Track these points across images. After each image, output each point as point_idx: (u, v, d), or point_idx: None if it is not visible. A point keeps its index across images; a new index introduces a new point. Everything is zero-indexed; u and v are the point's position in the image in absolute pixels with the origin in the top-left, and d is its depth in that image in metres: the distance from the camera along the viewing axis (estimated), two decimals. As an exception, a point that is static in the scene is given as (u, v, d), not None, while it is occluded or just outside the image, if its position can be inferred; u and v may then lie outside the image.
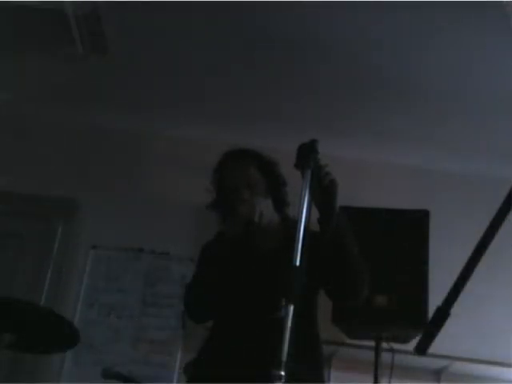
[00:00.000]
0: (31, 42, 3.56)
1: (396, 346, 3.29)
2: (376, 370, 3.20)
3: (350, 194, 2.72)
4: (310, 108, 3.86)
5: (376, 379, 3.18)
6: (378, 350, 3.24)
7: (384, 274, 3.14)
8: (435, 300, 1.18)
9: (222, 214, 2.07)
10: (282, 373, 1.29)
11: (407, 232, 3.35)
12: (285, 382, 1.28)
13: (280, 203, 2.14)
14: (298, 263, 1.42)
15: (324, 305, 2.15)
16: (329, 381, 3.52)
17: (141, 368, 3.64)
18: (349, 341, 3.49)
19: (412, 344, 3.07)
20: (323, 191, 1.82)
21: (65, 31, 3.32)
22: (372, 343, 3.28)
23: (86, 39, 3.39)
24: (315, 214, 1.78)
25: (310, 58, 3.42)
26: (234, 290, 1.97)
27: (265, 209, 2.05)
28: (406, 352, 3.19)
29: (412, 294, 3.18)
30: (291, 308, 1.36)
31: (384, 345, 3.27)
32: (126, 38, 3.45)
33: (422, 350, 1.09)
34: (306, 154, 1.66)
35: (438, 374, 3.70)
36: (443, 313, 1.09)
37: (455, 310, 1.09)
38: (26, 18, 3.35)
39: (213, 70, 3.64)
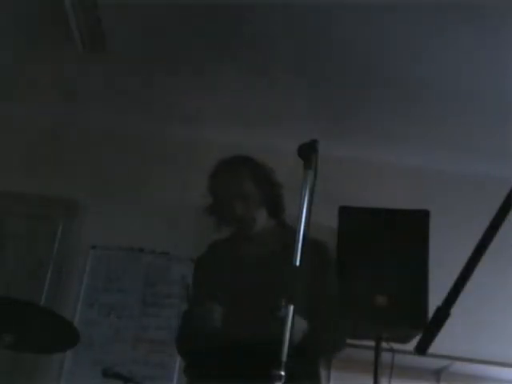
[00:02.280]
0: (31, 42, 3.56)
1: (396, 346, 3.29)
2: (376, 370, 3.20)
3: (350, 194, 2.72)
4: (310, 108, 3.85)
5: (376, 379, 3.18)
6: (377, 350, 3.23)
7: (384, 274, 3.14)
8: (435, 300, 1.17)
9: (216, 222, 2.08)
10: (282, 373, 1.29)
11: (407, 232, 3.34)
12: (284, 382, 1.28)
13: (276, 210, 2.13)
14: (297, 263, 1.42)
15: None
16: (329, 381, 3.53)
17: (141, 368, 3.64)
18: (349, 341, 3.48)
19: (412, 344, 3.07)
20: None
21: (65, 31, 3.32)
22: (372, 343, 3.28)
23: (86, 39, 3.39)
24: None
25: (310, 58, 3.42)
26: (233, 291, 1.97)
27: (260, 217, 2.06)
28: (405, 352, 3.18)
29: (412, 294, 3.18)
30: (291, 308, 1.36)
31: (384, 345, 3.27)
32: (125, 37, 3.45)
33: (422, 349, 1.09)
34: (307, 154, 1.66)
35: (437, 374, 3.70)
36: (443, 313, 1.08)
37: (455, 309, 1.09)
38: (26, 18, 3.35)
39: (213, 70, 3.63)
